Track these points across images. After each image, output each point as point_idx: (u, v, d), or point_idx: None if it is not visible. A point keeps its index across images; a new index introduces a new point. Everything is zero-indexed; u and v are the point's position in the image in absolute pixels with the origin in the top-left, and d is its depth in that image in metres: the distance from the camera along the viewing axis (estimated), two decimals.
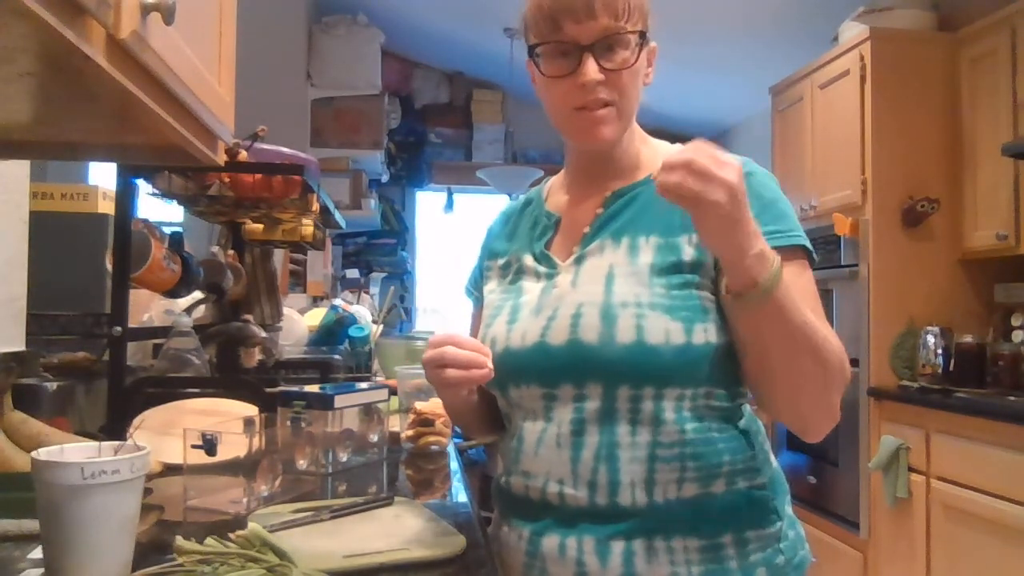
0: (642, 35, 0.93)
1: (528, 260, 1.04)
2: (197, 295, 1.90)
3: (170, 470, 1.22)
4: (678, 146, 1.00)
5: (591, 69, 0.91)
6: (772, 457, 1.00)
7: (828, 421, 0.92)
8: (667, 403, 0.90)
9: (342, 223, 2.50)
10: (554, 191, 1.12)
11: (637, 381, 0.89)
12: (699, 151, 0.76)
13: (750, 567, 0.90)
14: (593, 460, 0.90)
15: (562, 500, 0.92)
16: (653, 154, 1.03)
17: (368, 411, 1.46)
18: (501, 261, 1.10)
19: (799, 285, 0.89)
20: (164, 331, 1.67)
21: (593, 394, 0.91)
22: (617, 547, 0.89)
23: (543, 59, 0.94)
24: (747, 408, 0.98)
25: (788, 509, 0.99)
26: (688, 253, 0.93)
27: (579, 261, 0.98)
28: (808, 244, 0.95)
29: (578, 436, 0.91)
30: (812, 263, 0.96)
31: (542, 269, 1.02)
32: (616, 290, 0.91)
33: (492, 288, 1.09)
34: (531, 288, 1.01)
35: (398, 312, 4.84)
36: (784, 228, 0.92)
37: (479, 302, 1.14)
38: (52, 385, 1.41)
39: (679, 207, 0.87)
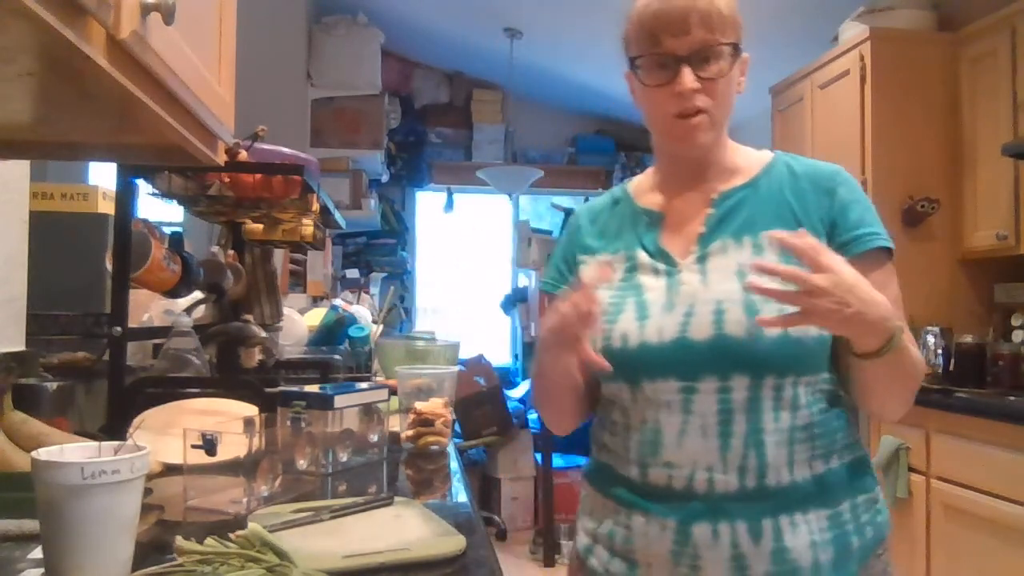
0: (735, 47, 1.01)
1: (642, 256, 1.07)
2: (197, 295, 1.90)
3: (170, 470, 1.22)
4: (765, 152, 1.11)
5: (688, 79, 0.99)
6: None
7: (904, 411, 1.04)
8: (802, 389, 0.98)
9: (342, 223, 2.50)
10: (643, 191, 1.15)
11: (783, 370, 0.96)
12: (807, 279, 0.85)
13: (861, 527, 1.01)
14: (743, 447, 0.96)
15: (711, 486, 0.96)
16: (746, 160, 1.11)
17: (368, 411, 1.46)
18: (601, 257, 1.12)
19: (892, 292, 1.01)
20: (164, 331, 1.67)
21: (739, 385, 0.96)
22: (767, 525, 0.95)
23: (643, 70, 1.03)
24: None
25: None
26: None
27: (702, 260, 1.03)
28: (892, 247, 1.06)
29: (725, 425, 0.97)
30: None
31: (660, 266, 1.05)
32: None
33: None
34: (652, 285, 1.04)
35: (398, 312, 4.84)
36: (883, 231, 1.05)
37: None
38: (52, 385, 1.41)
39: (792, 210, 1.04)
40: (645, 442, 1.01)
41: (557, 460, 4.33)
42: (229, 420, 1.22)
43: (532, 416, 4.65)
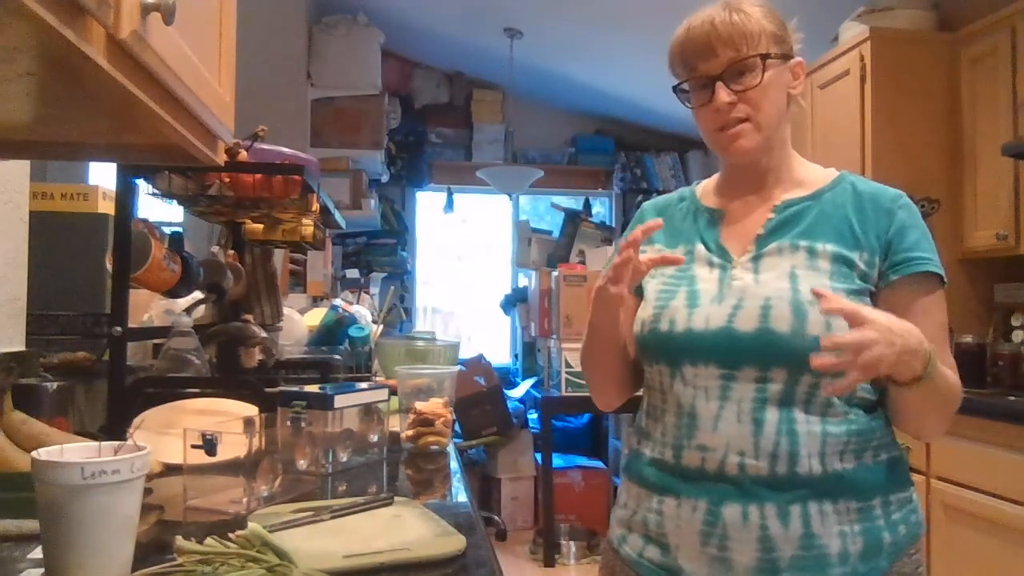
0: (764, 57, 1.07)
1: (701, 250, 1.14)
2: (197, 295, 1.90)
3: (170, 470, 1.22)
4: (832, 170, 1.16)
5: (722, 95, 1.07)
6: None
7: (942, 432, 1.09)
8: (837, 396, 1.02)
9: (342, 223, 2.51)
10: (708, 193, 1.22)
11: (820, 371, 0.98)
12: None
13: (893, 525, 1.03)
14: (775, 434, 1.01)
15: (742, 471, 1.00)
16: (811, 175, 1.17)
17: (368, 411, 1.46)
18: (662, 248, 1.17)
19: (936, 318, 1.09)
20: (164, 331, 1.67)
21: (777, 378, 1.01)
22: (795, 511, 0.99)
23: (688, 94, 1.12)
24: None
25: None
26: (859, 268, 1.06)
27: (757, 259, 1.08)
28: (944, 276, 1.11)
29: (759, 414, 1.01)
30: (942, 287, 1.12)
31: (716, 260, 1.11)
32: (802, 288, 1.02)
33: (652, 271, 1.16)
34: (706, 277, 1.10)
35: (398, 312, 4.84)
36: (935, 258, 1.09)
37: None
38: (52, 385, 1.41)
39: (851, 226, 1.08)
40: (681, 425, 1.06)
41: (557, 460, 4.33)
42: (229, 420, 1.22)
43: (532, 416, 4.65)
